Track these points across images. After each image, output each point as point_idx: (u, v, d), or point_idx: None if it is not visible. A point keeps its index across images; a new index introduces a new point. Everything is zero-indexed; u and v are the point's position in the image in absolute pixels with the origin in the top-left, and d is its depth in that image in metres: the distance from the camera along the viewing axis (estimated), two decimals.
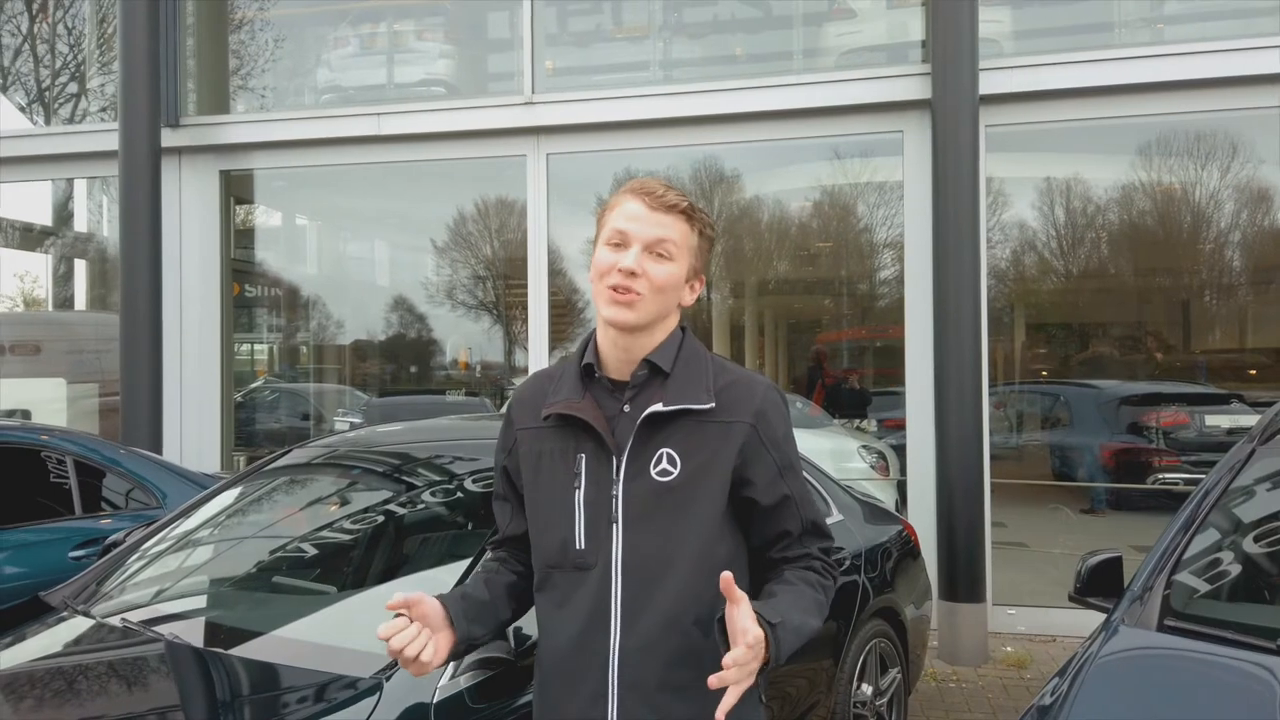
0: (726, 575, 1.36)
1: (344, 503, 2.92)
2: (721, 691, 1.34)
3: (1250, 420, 8.28)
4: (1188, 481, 8.12)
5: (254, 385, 9.83)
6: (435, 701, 1.96)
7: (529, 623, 2.08)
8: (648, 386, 1.57)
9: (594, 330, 1.66)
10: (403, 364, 10.27)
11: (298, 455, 3.21)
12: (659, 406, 1.53)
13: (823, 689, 3.25)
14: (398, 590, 2.42)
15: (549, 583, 1.59)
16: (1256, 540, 2.27)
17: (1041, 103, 5.63)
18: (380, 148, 6.47)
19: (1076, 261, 10.49)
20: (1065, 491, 8.49)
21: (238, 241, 8.35)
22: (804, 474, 1.66)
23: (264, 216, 9.36)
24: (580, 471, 1.55)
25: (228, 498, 3.08)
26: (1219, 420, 8.34)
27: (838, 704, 3.31)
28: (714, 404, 1.55)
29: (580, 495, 1.55)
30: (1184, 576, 2.20)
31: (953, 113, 5.26)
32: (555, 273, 6.81)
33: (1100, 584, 2.36)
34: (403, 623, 1.47)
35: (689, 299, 1.63)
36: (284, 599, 2.51)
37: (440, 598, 1.56)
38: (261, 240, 9.15)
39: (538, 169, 6.23)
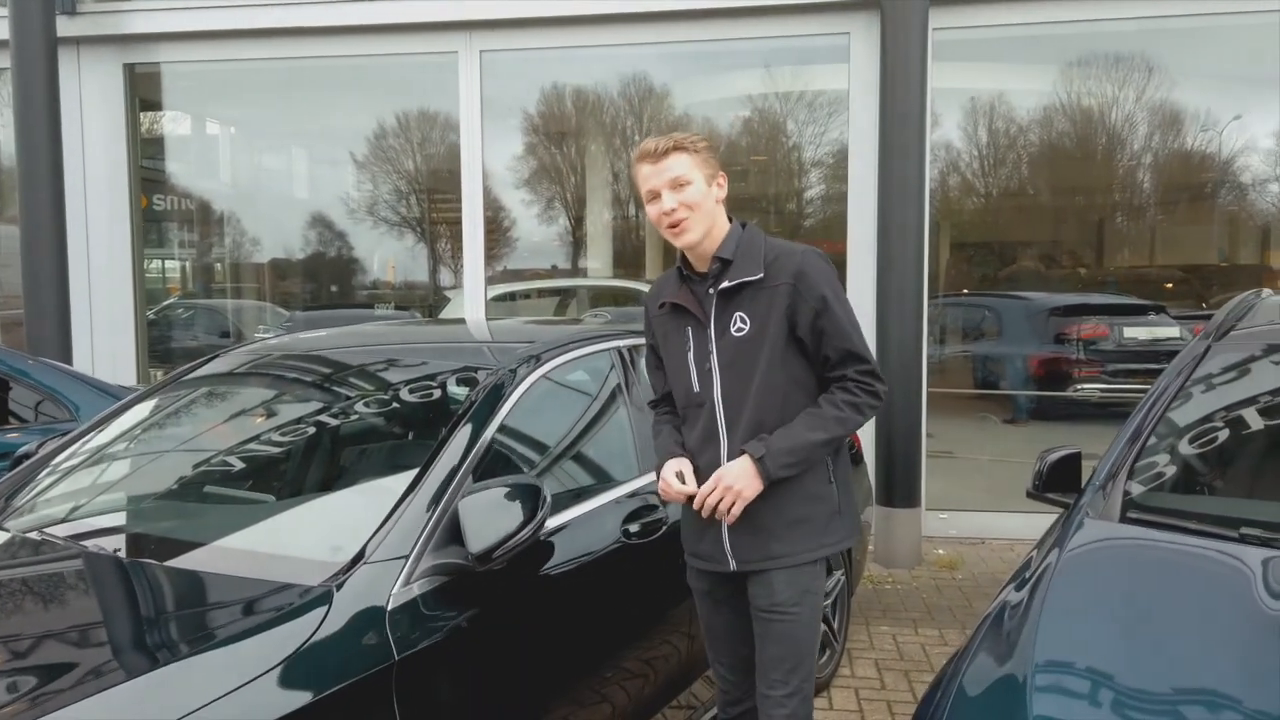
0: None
1: (276, 411, 2.76)
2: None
3: (1170, 331, 8.58)
4: (1104, 391, 8.38)
5: (167, 302, 9.41)
6: (390, 609, 1.86)
7: (489, 531, 2.00)
8: (721, 271, 2.16)
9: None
10: (323, 282, 9.91)
11: (222, 362, 3.01)
12: (726, 283, 2.14)
13: None
14: (345, 497, 2.32)
15: (685, 417, 2.27)
16: (1213, 434, 2.28)
17: (992, 5, 5.53)
18: (297, 41, 6.05)
19: (1014, 175, 10.59)
20: (989, 401, 8.70)
21: (146, 151, 7.84)
22: (845, 315, 2.13)
23: (174, 124, 8.82)
24: (688, 339, 2.20)
25: (148, 407, 2.88)
26: (1137, 332, 8.58)
27: None
28: (763, 274, 2.12)
29: (691, 355, 2.20)
30: (1145, 469, 2.21)
31: (903, 12, 5.12)
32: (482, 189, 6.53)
33: (1059, 480, 2.36)
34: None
35: (720, 194, 2.19)
36: (220, 509, 2.36)
37: (680, 451, 2.23)
38: (173, 149, 8.62)
39: (471, 68, 5.92)
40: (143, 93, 6.94)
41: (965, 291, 9.83)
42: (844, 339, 2.10)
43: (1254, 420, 2.28)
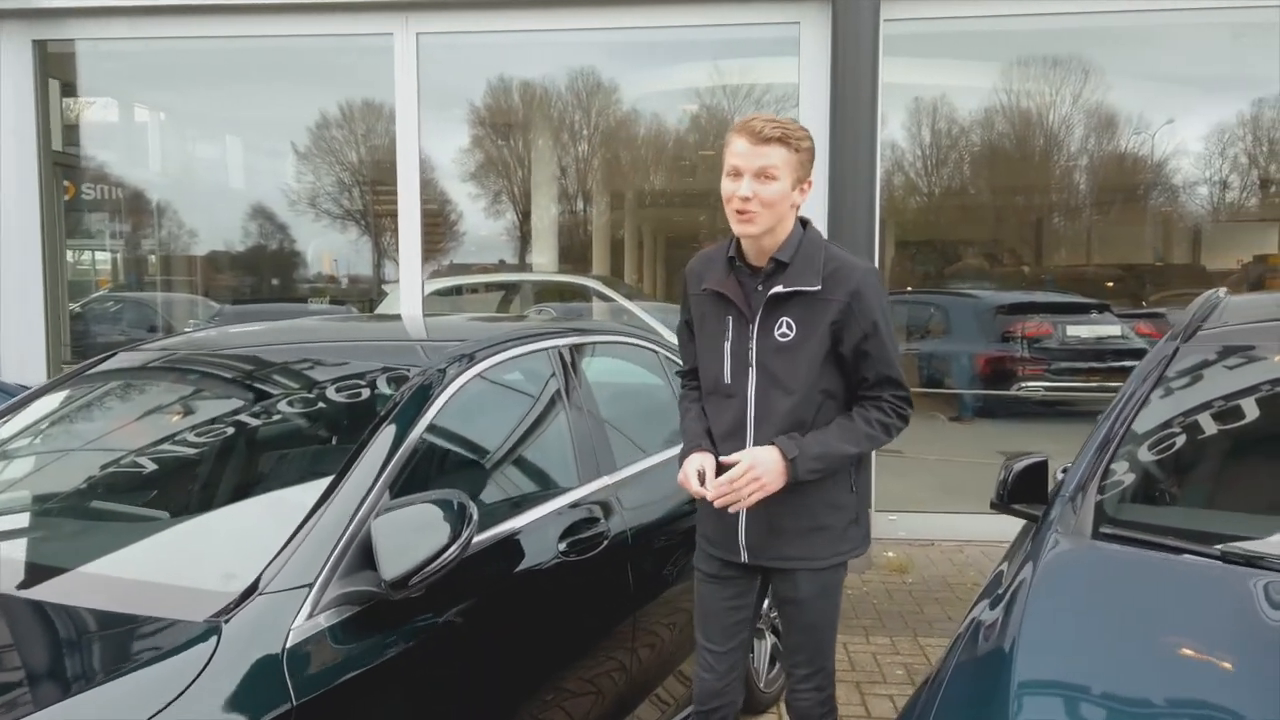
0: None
1: (180, 413, 2.50)
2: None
3: (1112, 330, 8.62)
4: (1048, 389, 8.39)
5: (94, 295, 9.01)
6: (289, 646, 1.63)
7: (407, 554, 1.79)
8: (776, 273, 2.11)
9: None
10: (264, 275, 9.60)
11: (127, 359, 2.74)
12: (780, 289, 2.10)
13: None
14: (247, 515, 2.08)
15: (709, 401, 2.26)
16: (1188, 440, 2.16)
17: None
18: (221, 20, 5.70)
19: (955, 174, 10.62)
20: (934, 399, 8.67)
21: (71, 137, 7.47)
22: (890, 340, 2.11)
23: (103, 110, 8.46)
24: (728, 328, 2.16)
25: (37, 410, 2.60)
26: (1079, 330, 8.59)
27: None
28: (820, 286, 2.08)
29: (727, 346, 2.16)
30: (1116, 480, 2.07)
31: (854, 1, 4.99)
32: (425, 182, 6.27)
33: (1025, 490, 2.21)
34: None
35: (800, 200, 2.11)
36: (101, 528, 2.10)
37: (707, 444, 2.21)
38: (102, 136, 8.24)
39: (406, 51, 5.63)
40: (58, 74, 6.55)
41: (909, 289, 9.83)
42: (887, 365, 2.11)
43: (1230, 424, 2.17)
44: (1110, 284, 10.46)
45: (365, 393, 2.33)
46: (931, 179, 10.81)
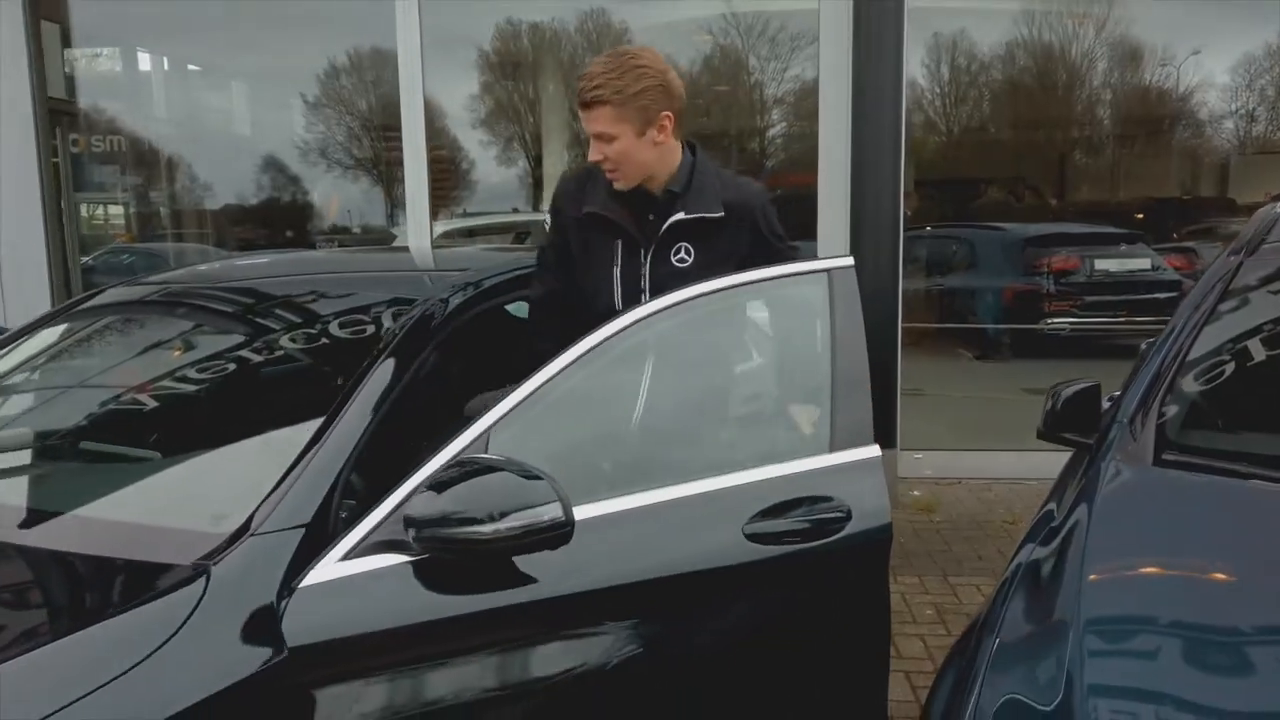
0: None
1: (177, 350, 2.37)
2: None
3: (1142, 263, 8.34)
4: (1074, 326, 8.15)
5: (106, 248, 9.05)
6: (295, 588, 1.48)
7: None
8: (671, 202, 2.06)
9: None
10: (276, 225, 9.55)
11: (120, 294, 2.60)
12: (681, 216, 2.05)
13: None
14: (236, 452, 1.94)
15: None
16: (1255, 359, 1.99)
17: None
18: None
19: (976, 109, 10.26)
20: (956, 336, 8.46)
21: (84, 91, 7.38)
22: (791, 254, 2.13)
23: (110, 60, 8.34)
24: (615, 255, 2.08)
25: (26, 349, 2.46)
26: (1108, 265, 8.31)
27: None
28: (724, 213, 2.05)
29: (617, 272, 2.08)
30: (1179, 402, 1.91)
31: None
32: (436, 130, 6.05)
33: (1074, 418, 2.04)
34: None
35: (663, 137, 2.02)
36: (91, 469, 1.98)
37: None
38: (108, 87, 8.13)
39: None
40: (48, 14, 6.37)
41: (928, 228, 9.53)
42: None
43: None
44: (1141, 216, 10.13)
45: (367, 325, 2.18)
46: (950, 114, 10.46)
